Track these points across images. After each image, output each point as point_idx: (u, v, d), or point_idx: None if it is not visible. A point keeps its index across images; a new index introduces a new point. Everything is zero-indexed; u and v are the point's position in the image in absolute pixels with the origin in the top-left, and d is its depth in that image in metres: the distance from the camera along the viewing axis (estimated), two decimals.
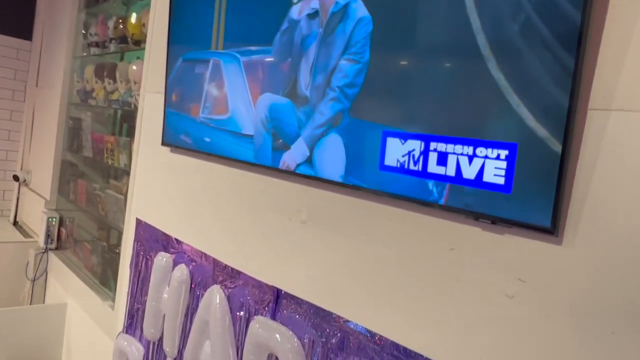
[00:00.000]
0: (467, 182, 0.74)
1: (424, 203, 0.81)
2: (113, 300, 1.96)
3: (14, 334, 2.33)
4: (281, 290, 1.11)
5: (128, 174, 1.94)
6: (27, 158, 3.20)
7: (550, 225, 0.65)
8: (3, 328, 2.29)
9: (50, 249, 2.68)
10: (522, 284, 0.70)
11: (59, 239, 2.71)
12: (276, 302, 1.12)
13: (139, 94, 1.87)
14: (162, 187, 1.64)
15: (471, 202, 0.74)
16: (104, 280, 2.21)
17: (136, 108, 1.90)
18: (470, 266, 0.76)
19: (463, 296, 0.77)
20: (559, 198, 0.65)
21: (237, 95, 1.21)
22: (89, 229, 2.55)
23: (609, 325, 0.61)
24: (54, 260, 2.64)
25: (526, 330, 0.69)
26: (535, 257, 0.69)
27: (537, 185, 0.67)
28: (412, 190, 0.81)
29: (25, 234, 2.97)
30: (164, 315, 1.48)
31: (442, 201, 0.77)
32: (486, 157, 0.72)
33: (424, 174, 0.79)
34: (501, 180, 0.70)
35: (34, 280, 2.68)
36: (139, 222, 1.74)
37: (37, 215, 2.84)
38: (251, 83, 1.17)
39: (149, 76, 1.79)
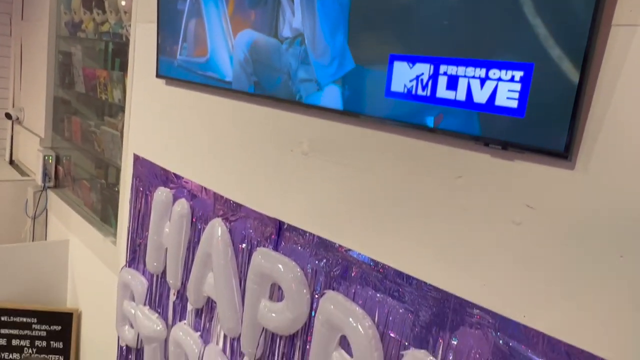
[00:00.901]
0: (478, 106, 0.71)
1: (431, 130, 0.78)
2: (114, 236, 1.97)
3: (18, 270, 2.37)
4: (283, 223, 1.10)
5: (123, 110, 1.89)
6: (18, 95, 3.12)
7: (563, 150, 0.63)
8: (7, 264, 2.33)
9: (48, 187, 2.67)
10: (530, 211, 0.69)
11: (56, 178, 2.69)
12: (278, 234, 1.12)
13: (129, 25, 1.79)
14: (159, 122, 1.60)
15: (481, 128, 0.71)
16: (105, 217, 2.22)
17: (128, 40, 1.82)
18: (478, 194, 0.75)
19: (469, 224, 0.76)
20: (575, 121, 0.62)
21: (216, 34, 1.16)
22: (86, 168, 2.53)
23: (618, 249, 0.61)
24: (53, 198, 2.64)
25: (532, 256, 0.69)
26: (546, 182, 0.67)
27: (552, 108, 0.64)
28: (419, 117, 0.78)
29: (22, 172, 2.95)
30: (166, 249, 1.49)
31: (451, 127, 0.75)
32: (499, 79, 0.68)
33: (433, 99, 0.76)
34: (514, 104, 0.67)
35: (35, 218, 2.69)
36: (136, 158, 1.71)
37: (32, 153, 2.81)
38: (233, 19, 1.11)
39: (139, 5, 1.69)
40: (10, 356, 2.37)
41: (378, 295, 0.90)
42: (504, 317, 0.72)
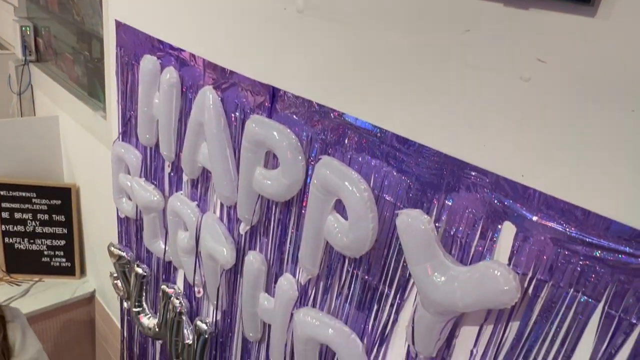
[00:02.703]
0: None
1: None
2: (104, 110, 1.92)
3: (11, 146, 2.35)
4: (277, 89, 1.05)
5: None
6: None
7: None
8: None
9: (30, 61, 2.54)
10: (541, 65, 0.64)
11: (37, 51, 2.56)
12: (272, 101, 1.08)
13: None
14: None
15: None
16: (92, 91, 2.14)
17: None
18: (485, 49, 0.70)
19: (473, 82, 0.72)
20: None
21: None
22: (68, 41, 2.38)
23: (631, 104, 0.58)
24: (37, 73, 2.53)
25: (537, 115, 0.66)
26: (562, 32, 0.62)
27: None
28: None
29: (0, 46, 2.79)
30: (157, 120, 1.45)
31: None
32: None
33: None
34: None
35: (20, 94, 2.61)
36: (118, 25, 1.60)
37: (8, 25, 2.63)
38: None
39: None
40: (15, 228, 2.45)
41: (374, 161, 0.88)
42: (502, 177, 0.71)
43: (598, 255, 0.63)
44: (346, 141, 0.92)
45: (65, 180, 2.53)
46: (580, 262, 0.65)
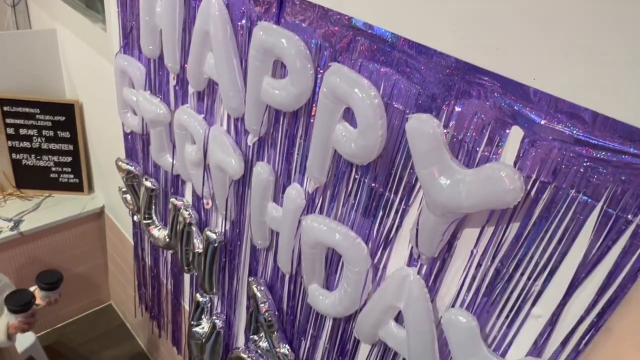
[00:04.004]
0: None
1: None
2: (103, 22, 1.87)
3: (9, 61, 2.31)
4: None
5: None
6: None
7: None
8: None
9: None
10: None
11: None
12: (280, 8, 1.05)
13: None
14: None
15: None
16: (90, 2, 2.06)
17: None
18: None
19: None
20: None
21: None
22: None
23: None
24: None
25: (553, 17, 0.65)
26: None
27: None
28: None
29: None
30: (161, 31, 1.42)
31: None
32: None
33: None
34: None
35: (14, 5, 2.51)
36: None
37: None
38: None
39: None
40: (21, 144, 2.47)
41: (384, 68, 0.88)
42: (513, 81, 0.71)
43: (602, 156, 0.65)
44: (356, 48, 0.91)
45: (68, 96, 2.51)
46: (585, 164, 0.67)
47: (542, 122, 0.69)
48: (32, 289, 1.77)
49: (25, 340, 2.30)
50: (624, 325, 0.70)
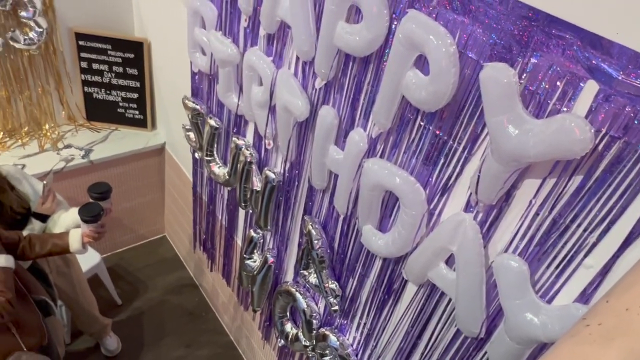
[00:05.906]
0: None
1: None
2: None
3: None
4: None
5: None
6: None
7: None
8: None
9: None
10: None
11: None
12: None
13: None
14: None
15: None
16: None
17: None
18: None
19: None
20: None
21: None
22: None
23: None
24: None
25: None
26: None
27: None
28: None
29: None
30: None
31: None
32: None
33: None
34: None
35: None
36: None
37: None
38: None
39: None
40: (93, 78, 2.62)
41: (461, 17, 0.90)
42: (594, 34, 0.72)
43: None
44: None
45: (136, 34, 2.62)
46: None
47: (620, 77, 0.71)
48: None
49: (91, 259, 2.52)
50: None
